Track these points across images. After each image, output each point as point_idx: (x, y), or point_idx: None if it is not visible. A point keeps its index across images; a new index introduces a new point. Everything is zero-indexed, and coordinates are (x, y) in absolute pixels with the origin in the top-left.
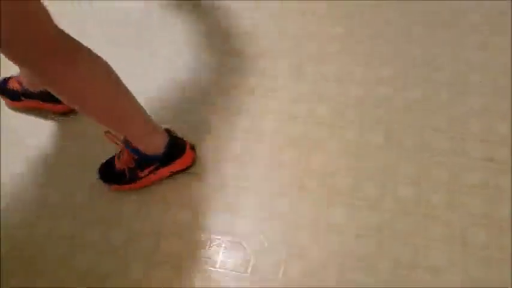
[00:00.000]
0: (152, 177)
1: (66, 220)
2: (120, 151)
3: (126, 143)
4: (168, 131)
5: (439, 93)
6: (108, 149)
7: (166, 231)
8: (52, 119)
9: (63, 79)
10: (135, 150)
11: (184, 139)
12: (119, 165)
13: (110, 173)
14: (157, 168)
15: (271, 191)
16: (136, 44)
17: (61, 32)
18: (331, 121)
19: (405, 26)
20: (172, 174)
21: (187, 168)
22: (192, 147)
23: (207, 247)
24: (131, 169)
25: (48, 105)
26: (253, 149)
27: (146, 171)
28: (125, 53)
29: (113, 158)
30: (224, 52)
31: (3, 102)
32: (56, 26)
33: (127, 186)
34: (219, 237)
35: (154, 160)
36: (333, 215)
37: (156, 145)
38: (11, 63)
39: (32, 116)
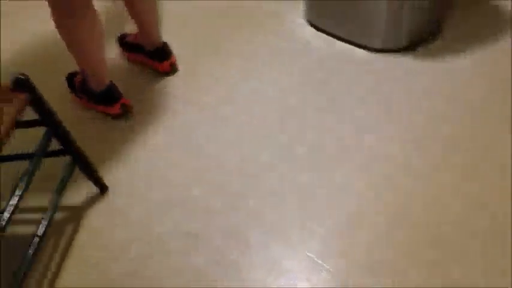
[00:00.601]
0: (84, 102)
1: None
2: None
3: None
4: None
5: None
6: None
7: None
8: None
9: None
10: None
11: (122, 99)
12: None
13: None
14: (88, 100)
15: None
16: None
17: None
18: None
19: None
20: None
21: (113, 116)
22: (123, 107)
23: None
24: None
25: (151, 62)
26: None
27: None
28: None
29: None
30: None
31: None
32: None
33: (73, 95)
34: None
35: (88, 92)
36: None
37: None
38: None
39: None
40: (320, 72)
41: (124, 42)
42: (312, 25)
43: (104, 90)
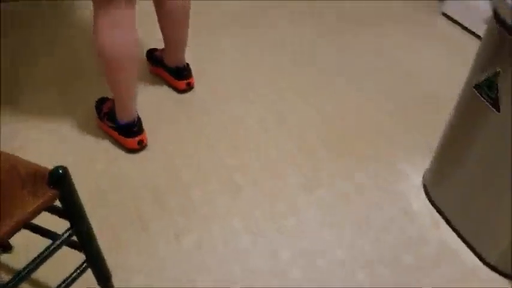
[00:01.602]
0: (106, 128)
1: None
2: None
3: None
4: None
5: None
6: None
7: None
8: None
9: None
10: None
11: (141, 135)
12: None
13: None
14: (112, 128)
15: None
16: None
17: None
18: None
19: None
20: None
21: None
22: (140, 143)
23: None
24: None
25: (171, 79)
26: None
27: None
28: None
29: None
30: None
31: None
32: None
33: (98, 119)
34: None
35: (113, 120)
36: None
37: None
38: None
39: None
40: (408, 255)
41: (151, 55)
42: (427, 194)
43: (129, 124)
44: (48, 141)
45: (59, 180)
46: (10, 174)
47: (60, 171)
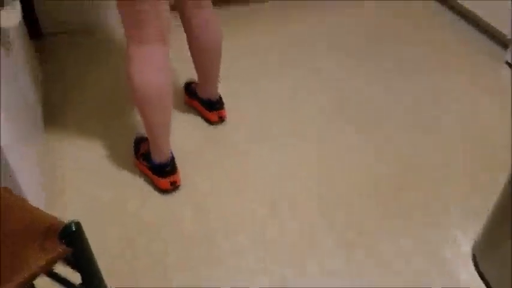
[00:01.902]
0: (142, 167)
1: None
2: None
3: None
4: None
5: None
6: None
7: None
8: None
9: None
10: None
11: (174, 176)
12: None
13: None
14: (147, 167)
15: None
16: None
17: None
18: None
19: None
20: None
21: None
22: (173, 184)
23: None
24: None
25: (204, 111)
26: None
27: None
28: None
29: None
30: None
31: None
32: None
33: (135, 157)
34: None
35: (149, 160)
36: None
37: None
38: None
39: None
40: None
41: (188, 87)
42: (476, 265)
43: (162, 164)
44: (86, 173)
45: (71, 235)
46: (25, 225)
47: (73, 227)
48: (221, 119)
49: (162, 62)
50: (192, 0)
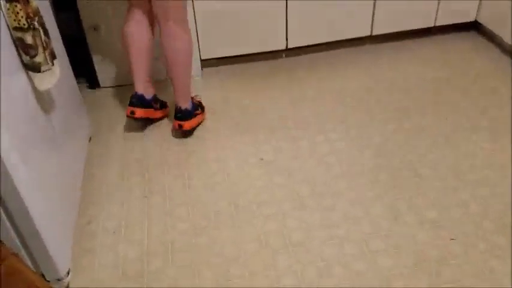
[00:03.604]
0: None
1: None
2: None
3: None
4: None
5: None
6: None
7: None
8: None
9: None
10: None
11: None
12: None
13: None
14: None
15: None
16: None
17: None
18: None
19: None
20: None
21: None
22: (131, 113)
23: None
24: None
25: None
26: None
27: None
28: None
29: None
30: None
31: None
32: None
33: None
34: None
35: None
36: None
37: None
38: None
39: None
40: None
41: None
42: None
43: (132, 94)
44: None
45: None
46: None
47: None
48: (180, 129)
49: (140, 16)
50: (160, 12)
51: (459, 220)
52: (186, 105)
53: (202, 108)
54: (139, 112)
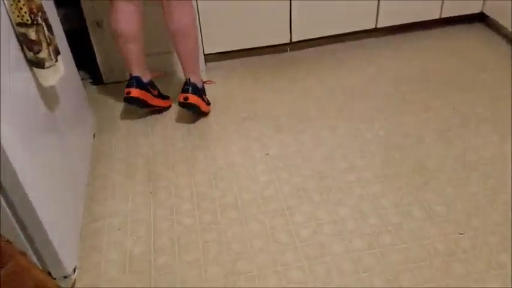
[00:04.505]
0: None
1: None
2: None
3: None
4: None
5: None
6: None
7: None
8: None
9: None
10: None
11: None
12: None
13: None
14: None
15: None
16: None
17: None
18: None
19: None
20: None
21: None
22: (127, 93)
23: None
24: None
25: None
26: None
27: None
28: None
29: None
30: None
31: None
32: None
33: None
34: None
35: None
36: None
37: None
38: None
39: None
40: None
41: None
42: None
43: (128, 77)
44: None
45: None
46: None
47: None
48: (185, 101)
49: (128, 14)
50: None
51: (468, 214)
52: (194, 78)
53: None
54: (135, 92)
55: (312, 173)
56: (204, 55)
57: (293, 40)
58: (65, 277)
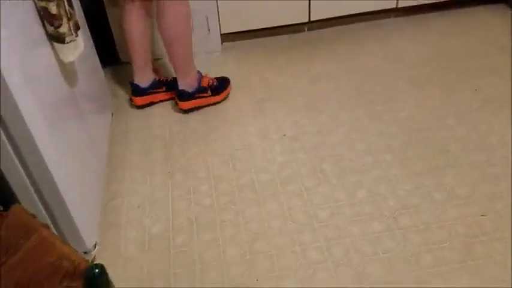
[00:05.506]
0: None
1: None
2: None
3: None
4: None
5: None
6: None
7: None
8: None
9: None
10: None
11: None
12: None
13: None
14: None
15: None
16: None
17: None
18: None
19: None
20: None
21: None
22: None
23: None
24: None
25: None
26: None
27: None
28: None
29: None
30: None
31: None
32: None
33: None
34: None
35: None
36: None
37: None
38: None
39: None
40: None
41: None
42: None
43: (135, 84)
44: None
45: (94, 279)
46: (54, 266)
47: (96, 270)
48: (182, 108)
49: (135, 16)
50: None
51: (490, 196)
52: (186, 81)
53: (216, 90)
54: (136, 100)
55: (329, 155)
56: (221, 35)
57: (311, 19)
58: (85, 253)
